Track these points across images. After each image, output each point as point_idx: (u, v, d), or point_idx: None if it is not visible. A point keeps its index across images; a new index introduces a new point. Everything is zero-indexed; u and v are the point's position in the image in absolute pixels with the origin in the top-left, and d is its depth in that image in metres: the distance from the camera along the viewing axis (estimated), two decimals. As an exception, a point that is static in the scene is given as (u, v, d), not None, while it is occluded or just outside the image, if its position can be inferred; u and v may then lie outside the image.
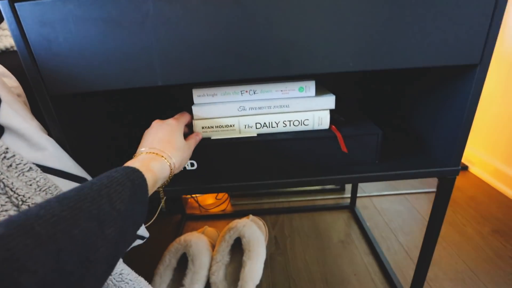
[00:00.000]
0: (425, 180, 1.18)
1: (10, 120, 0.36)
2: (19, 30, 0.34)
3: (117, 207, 0.26)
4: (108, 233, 0.24)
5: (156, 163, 0.35)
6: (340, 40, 0.36)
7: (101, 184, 0.26)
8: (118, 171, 0.29)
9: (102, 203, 0.25)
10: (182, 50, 0.35)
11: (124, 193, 0.27)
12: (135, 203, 0.28)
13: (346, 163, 0.47)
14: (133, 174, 0.30)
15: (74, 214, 0.22)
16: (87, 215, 0.23)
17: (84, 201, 0.24)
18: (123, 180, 0.28)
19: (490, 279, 0.73)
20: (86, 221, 0.23)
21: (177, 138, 0.41)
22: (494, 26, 0.36)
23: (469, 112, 0.42)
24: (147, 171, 0.33)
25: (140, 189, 0.30)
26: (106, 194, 0.26)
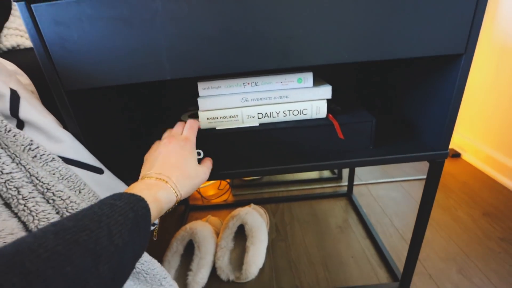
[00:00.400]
0: (419, 167, 1.22)
1: (30, 115, 0.38)
2: (36, 30, 0.36)
3: (116, 242, 0.24)
4: (102, 270, 0.22)
5: (163, 192, 0.34)
6: (336, 34, 0.38)
7: (102, 213, 0.25)
8: (123, 198, 0.28)
9: (100, 236, 0.23)
10: (188, 45, 0.38)
11: (126, 225, 0.26)
12: (136, 235, 0.27)
13: (343, 150, 0.50)
14: (137, 204, 0.29)
15: (68, 249, 0.21)
16: (82, 250, 0.21)
17: (81, 233, 0.22)
18: (126, 210, 0.27)
19: (479, 258, 0.77)
20: (80, 257, 0.21)
21: (190, 165, 0.40)
22: (478, 17, 0.38)
23: (456, 99, 0.45)
24: (154, 200, 0.32)
25: (143, 220, 0.28)
26: (106, 226, 0.24)
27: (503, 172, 1.09)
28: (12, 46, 0.60)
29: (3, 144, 0.33)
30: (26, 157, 0.34)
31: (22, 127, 0.39)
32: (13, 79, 0.41)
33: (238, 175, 0.48)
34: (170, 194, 0.35)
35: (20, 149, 0.34)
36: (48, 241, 0.20)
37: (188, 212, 1.05)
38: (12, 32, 0.61)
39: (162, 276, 0.47)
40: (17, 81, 0.41)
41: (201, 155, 0.50)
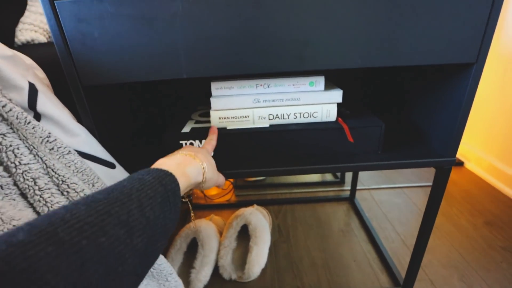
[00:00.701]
0: (422, 174, 1.22)
1: (47, 108, 0.39)
2: (57, 26, 0.37)
3: (147, 214, 0.24)
4: (137, 242, 0.22)
5: (191, 167, 0.34)
6: (350, 39, 0.39)
7: (132, 187, 0.25)
8: (151, 173, 0.28)
9: (132, 208, 0.23)
10: (205, 46, 0.39)
11: (156, 199, 0.25)
12: (167, 209, 0.27)
13: (352, 153, 0.51)
14: (166, 178, 0.28)
15: (101, 220, 0.20)
16: (115, 221, 0.21)
17: (113, 205, 0.22)
18: (155, 184, 0.27)
19: (480, 266, 0.78)
20: (114, 228, 0.21)
21: (210, 158, 0.40)
22: (490, 27, 0.39)
23: (465, 107, 0.45)
24: (182, 175, 0.31)
25: (173, 195, 0.28)
26: (137, 199, 0.24)
27: (505, 181, 1.09)
28: (27, 41, 0.61)
29: (22, 135, 0.34)
30: (44, 149, 0.35)
31: (39, 120, 0.40)
32: (30, 72, 0.42)
33: (247, 174, 0.48)
34: (198, 169, 0.35)
35: (38, 141, 0.35)
36: (80, 212, 0.20)
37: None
38: (27, 27, 0.62)
39: (168, 272, 0.47)
40: (34, 75, 0.42)
41: (211, 154, 0.50)
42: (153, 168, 0.30)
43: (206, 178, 0.37)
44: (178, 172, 0.31)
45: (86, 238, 0.19)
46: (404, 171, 1.25)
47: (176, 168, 0.31)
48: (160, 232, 0.25)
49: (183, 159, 0.34)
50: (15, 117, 0.33)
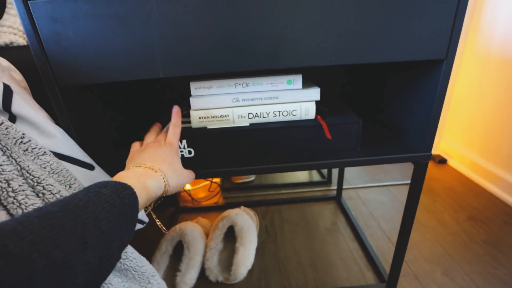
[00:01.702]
0: (406, 173, 1.25)
1: (22, 110, 0.39)
2: (32, 26, 0.37)
3: (103, 228, 0.23)
4: (90, 256, 0.22)
5: (152, 180, 0.34)
6: (323, 37, 0.40)
7: (88, 200, 0.24)
8: (108, 186, 0.27)
9: (87, 222, 0.22)
10: (181, 45, 0.39)
11: (112, 213, 0.25)
12: (123, 223, 0.26)
13: (331, 150, 0.52)
14: (124, 191, 0.28)
15: (54, 233, 0.20)
16: (69, 234, 0.20)
17: (67, 218, 0.21)
18: (113, 197, 0.26)
19: (463, 260, 0.80)
20: (67, 242, 0.20)
21: (176, 163, 0.40)
22: (457, 24, 0.41)
23: (438, 102, 0.47)
24: (142, 188, 0.31)
25: (131, 208, 0.28)
26: (93, 212, 0.23)
27: (486, 177, 1.13)
28: (5, 44, 0.60)
29: (-6, 136, 0.33)
30: (18, 150, 0.35)
31: (14, 122, 0.39)
32: (6, 74, 0.41)
33: (228, 173, 0.49)
34: (159, 182, 0.35)
35: (11, 142, 0.34)
36: (33, 225, 0.19)
37: (179, 213, 1.05)
38: (6, 29, 0.61)
39: (150, 274, 0.47)
40: (10, 77, 0.42)
41: (192, 153, 0.50)
42: (111, 181, 0.29)
43: (168, 189, 0.37)
44: (138, 185, 0.30)
45: (37, 251, 0.18)
46: (388, 169, 1.27)
47: (136, 181, 0.31)
48: (116, 246, 0.25)
49: (144, 172, 0.34)
50: (-14, 118, 0.33)
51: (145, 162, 0.37)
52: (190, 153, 0.50)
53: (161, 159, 0.38)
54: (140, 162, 0.37)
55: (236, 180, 1.21)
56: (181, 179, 0.40)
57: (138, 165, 0.36)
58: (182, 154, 0.50)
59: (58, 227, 0.20)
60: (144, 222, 0.52)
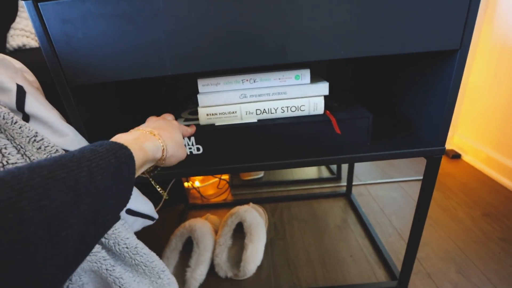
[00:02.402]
0: (418, 168, 1.22)
1: (35, 109, 0.40)
2: (42, 27, 0.38)
3: (97, 183, 0.23)
4: (84, 209, 0.21)
5: (150, 143, 0.34)
6: (331, 30, 0.40)
7: (83, 156, 0.24)
8: (104, 145, 0.27)
9: (80, 176, 0.22)
10: (189, 42, 0.39)
11: (107, 169, 0.25)
12: (119, 181, 0.26)
13: (340, 145, 0.51)
14: (120, 151, 0.28)
15: (45, 183, 0.20)
16: (61, 186, 0.20)
17: (60, 171, 0.21)
18: (108, 155, 0.26)
19: (478, 258, 0.77)
20: (59, 193, 0.20)
21: (176, 134, 0.41)
22: (472, 12, 0.39)
23: (452, 95, 0.46)
24: (139, 149, 0.31)
25: (127, 168, 0.28)
26: (87, 168, 0.23)
27: (502, 172, 1.09)
28: (18, 46, 0.62)
29: (9, 135, 0.34)
30: (31, 149, 0.36)
31: (27, 121, 0.40)
32: (19, 75, 0.42)
33: (236, 170, 0.49)
34: (157, 145, 0.35)
35: (25, 141, 0.35)
36: (22, 175, 0.19)
37: (188, 210, 1.06)
38: (19, 32, 0.63)
39: (160, 269, 0.47)
40: (23, 78, 0.43)
41: (201, 150, 0.51)
42: (107, 140, 0.29)
43: (166, 155, 0.36)
44: (135, 147, 0.30)
45: (27, 199, 0.18)
46: (400, 165, 1.25)
47: (133, 142, 0.31)
48: (111, 204, 0.25)
49: (141, 135, 0.34)
50: (1, 118, 0.34)
51: (145, 128, 0.37)
52: (198, 150, 0.51)
53: (163, 128, 0.39)
54: (141, 127, 0.38)
55: (244, 177, 1.22)
56: (180, 151, 0.40)
57: (138, 129, 0.36)
58: (191, 151, 0.51)
59: (50, 178, 0.20)
60: (154, 219, 0.53)
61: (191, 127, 0.49)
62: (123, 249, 0.42)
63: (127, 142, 0.30)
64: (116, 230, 0.41)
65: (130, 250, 0.43)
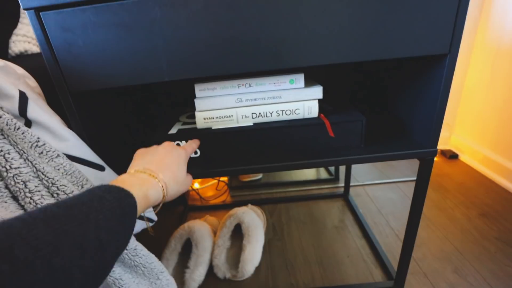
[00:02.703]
0: (415, 169, 1.22)
1: (37, 115, 0.41)
2: (44, 35, 0.39)
3: (101, 237, 0.24)
4: (87, 264, 0.22)
5: (153, 191, 0.35)
6: (324, 36, 0.41)
7: (91, 206, 0.25)
8: (112, 192, 0.28)
9: (88, 230, 0.23)
10: (185, 49, 0.41)
11: (112, 222, 0.26)
12: (121, 232, 0.27)
13: (335, 148, 0.52)
14: (126, 200, 0.29)
15: (58, 240, 0.20)
16: (70, 242, 0.21)
17: (70, 224, 0.22)
18: (114, 206, 0.27)
19: (475, 258, 0.78)
20: (68, 249, 0.21)
21: (181, 172, 0.41)
22: (460, 18, 0.41)
23: (442, 98, 0.47)
24: (144, 197, 0.32)
25: (129, 218, 0.29)
26: (94, 220, 0.24)
27: (500, 172, 1.10)
28: (20, 52, 0.63)
29: (12, 141, 0.36)
30: (33, 154, 0.37)
31: (29, 126, 0.41)
32: (21, 81, 0.44)
33: (233, 172, 0.50)
34: (158, 193, 0.36)
35: (27, 146, 0.36)
36: (38, 229, 0.20)
37: (187, 212, 1.07)
38: (20, 38, 0.64)
39: (159, 271, 0.48)
40: (25, 84, 0.44)
41: (198, 153, 0.52)
42: (114, 186, 0.30)
43: (165, 198, 0.38)
44: (140, 194, 0.31)
45: (40, 258, 0.19)
46: (397, 166, 1.26)
47: (138, 189, 0.32)
48: (111, 255, 0.26)
49: (146, 181, 0.35)
50: (5, 124, 0.35)
51: (150, 167, 0.38)
52: (195, 153, 0.52)
53: (167, 166, 0.39)
54: (145, 163, 0.38)
55: (243, 179, 1.23)
56: (181, 187, 0.41)
57: (143, 169, 0.37)
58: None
59: (61, 233, 0.21)
60: (153, 221, 0.54)
61: (194, 141, 0.49)
62: (122, 251, 0.43)
63: (133, 188, 0.31)
64: (115, 232, 0.42)
65: (129, 252, 0.44)
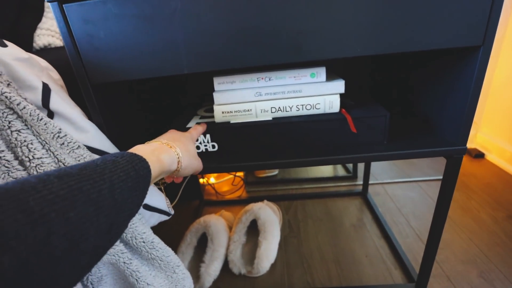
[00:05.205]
0: (438, 167, 1.18)
1: (59, 106, 0.41)
2: (66, 27, 0.40)
3: (116, 196, 0.24)
4: (102, 221, 0.22)
5: (166, 155, 0.35)
6: (347, 27, 0.39)
7: (105, 167, 0.25)
8: (125, 157, 0.28)
9: (102, 188, 0.23)
10: (205, 41, 0.40)
11: (126, 182, 0.26)
12: (135, 194, 0.27)
13: (356, 144, 0.50)
14: (139, 164, 0.29)
15: (73, 195, 0.20)
16: (85, 198, 0.21)
17: (85, 182, 0.22)
18: (128, 168, 0.27)
19: (502, 261, 0.74)
20: (83, 205, 0.21)
21: (191, 147, 0.43)
22: (496, 7, 0.38)
23: (474, 93, 0.44)
24: (157, 161, 0.33)
25: (143, 180, 0.29)
26: (109, 179, 0.24)
27: (530, 174, 1.04)
28: (44, 45, 0.65)
29: (35, 131, 0.36)
30: (55, 144, 0.37)
31: (52, 118, 0.42)
32: (44, 74, 0.44)
33: (251, 167, 0.49)
34: (172, 157, 0.36)
35: (50, 137, 0.37)
36: (52, 184, 0.20)
37: (203, 206, 1.07)
38: (45, 32, 0.66)
39: (175, 264, 0.49)
40: (48, 76, 0.45)
41: (216, 148, 0.51)
42: (128, 152, 0.30)
43: (181, 166, 0.38)
44: (152, 158, 0.31)
45: (55, 211, 0.19)
46: (418, 164, 1.21)
47: (150, 154, 0.32)
48: (125, 216, 0.26)
49: (159, 147, 0.36)
50: (28, 114, 0.35)
51: (161, 139, 0.39)
52: (213, 147, 0.51)
53: (177, 139, 0.41)
54: (157, 139, 0.40)
55: (259, 174, 1.22)
56: (194, 161, 0.42)
57: (154, 141, 0.38)
58: (206, 149, 0.51)
59: (76, 189, 0.21)
60: (170, 214, 0.54)
61: (201, 125, 0.50)
62: (140, 243, 0.43)
63: (145, 154, 0.31)
64: (133, 225, 0.42)
65: (146, 245, 0.44)
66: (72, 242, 0.19)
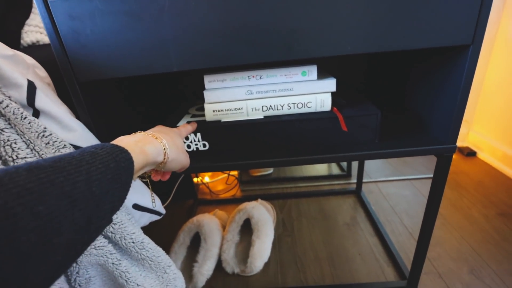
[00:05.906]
0: (431, 166, 1.19)
1: (44, 105, 0.40)
2: (52, 24, 0.39)
3: (94, 189, 0.23)
4: (77, 215, 0.21)
5: (151, 146, 0.34)
6: (338, 26, 0.39)
7: (82, 159, 0.23)
8: (105, 148, 0.27)
9: (78, 180, 0.22)
10: (194, 38, 0.39)
11: (105, 175, 0.24)
12: (116, 187, 0.25)
13: (348, 143, 0.50)
14: (121, 155, 0.27)
15: (43, 188, 0.19)
16: (57, 191, 0.20)
17: (57, 174, 0.21)
18: (108, 159, 0.25)
19: (492, 258, 0.75)
20: (55, 198, 0.20)
21: (177, 139, 0.40)
22: (485, 6, 0.38)
23: (464, 91, 0.44)
24: (140, 152, 0.31)
25: (125, 172, 0.27)
26: (85, 171, 0.23)
27: (521, 171, 1.05)
28: (32, 42, 0.63)
29: (19, 130, 0.35)
30: (40, 144, 0.36)
31: (37, 116, 0.41)
32: (30, 71, 0.43)
33: (242, 166, 0.49)
34: (158, 148, 0.34)
35: (34, 136, 0.36)
36: (20, 177, 0.19)
37: (197, 205, 1.07)
38: (33, 29, 0.64)
39: (166, 264, 0.48)
40: (34, 73, 0.44)
41: (207, 146, 0.51)
42: (109, 143, 0.29)
43: (168, 158, 0.36)
44: (135, 149, 0.30)
45: (22, 204, 0.18)
46: (412, 162, 1.22)
47: (134, 145, 0.30)
48: (106, 209, 0.24)
49: (143, 138, 0.34)
50: (11, 113, 0.35)
51: (147, 132, 0.37)
52: (204, 146, 0.51)
53: (164, 132, 0.38)
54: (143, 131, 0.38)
55: (253, 173, 1.22)
56: (181, 155, 0.40)
57: (139, 132, 0.36)
58: (197, 148, 0.51)
59: (47, 182, 0.20)
60: (161, 214, 0.53)
61: (191, 124, 0.49)
62: (129, 244, 0.42)
63: (128, 145, 0.30)
64: (122, 225, 0.42)
65: (136, 245, 0.44)
66: (43, 237, 0.18)
